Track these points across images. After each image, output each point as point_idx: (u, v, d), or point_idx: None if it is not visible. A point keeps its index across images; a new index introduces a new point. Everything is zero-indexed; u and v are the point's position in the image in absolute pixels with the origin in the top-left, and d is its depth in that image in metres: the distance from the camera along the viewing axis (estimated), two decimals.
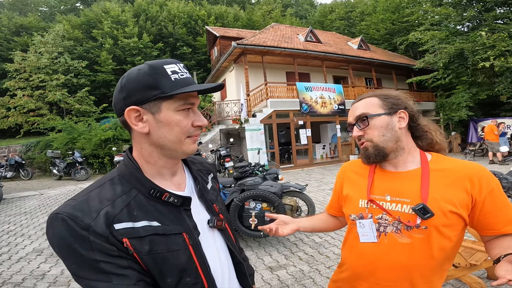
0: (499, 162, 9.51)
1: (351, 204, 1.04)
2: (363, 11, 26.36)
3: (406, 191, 0.92)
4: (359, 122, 0.98)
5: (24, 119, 15.76)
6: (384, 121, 0.95)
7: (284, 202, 4.01)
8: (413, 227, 0.88)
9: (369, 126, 0.95)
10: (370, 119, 0.95)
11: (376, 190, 0.98)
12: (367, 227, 0.95)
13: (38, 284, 3.07)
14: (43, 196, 7.90)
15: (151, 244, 0.64)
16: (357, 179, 1.07)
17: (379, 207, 0.94)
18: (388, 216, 0.92)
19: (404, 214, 0.90)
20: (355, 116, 0.99)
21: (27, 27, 21.19)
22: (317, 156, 13.81)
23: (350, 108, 1.05)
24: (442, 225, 0.86)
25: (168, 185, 0.74)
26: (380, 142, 0.94)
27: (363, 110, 0.97)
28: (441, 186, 0.89)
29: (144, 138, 0.70)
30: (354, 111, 1.01)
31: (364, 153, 0.98)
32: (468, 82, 14.35)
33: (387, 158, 0.96)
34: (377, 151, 0.95)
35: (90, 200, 0.64)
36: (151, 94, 0.66)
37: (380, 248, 0.92)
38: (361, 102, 1.01)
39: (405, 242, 0.89)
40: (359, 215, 0.98)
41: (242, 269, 0.86)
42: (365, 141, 0.97)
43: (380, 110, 0.96)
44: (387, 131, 0.94)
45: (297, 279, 2.93)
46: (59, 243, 0.59)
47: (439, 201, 0.87)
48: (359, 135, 0.98)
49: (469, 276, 2.39)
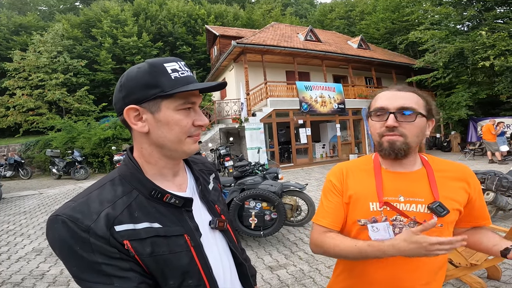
0: (498, 162, 9.51)
1: (359, 209, 0.96)
2: (363, 10, 26.32)
3: (418, 191, 0.92)
4: (399, 113, 0.90)
5: (24, 118, 15.74)
6: (424, 124, 0.94)
7: (284, 201, 4.01)
8: None
9: (412, 123, 0.90)
10: (419, 117, 0.91)
11: (387, 191, 0.94)
12: (382, 231, 0.91)
13: (37, 284, 3.06)
14: (43, 196, 7.89)
15: (152, 246, 0.63)
16: (361, 182, 0.99)
17: (393, 208, 0.92)
18: (402, 217, 0.91)
19: (419, 213, 0.90)
20: (398, 106, 0.90)
21: (26, 26, 21.12)
22: (317, 155, 13.81)
23: (386, 92, 0.96)
24: (451, 222, 0.92)
25: (170, 185, 0.73)
26: (412, 141, 0.92)
27: (412, 104, 0.91)
28: (446, 185, 0.94)
29: (144, 137, 0.69)
30: (397, 99, 0.92)
31: (390, 146, 0.91)
32: (468, 81, 14.36)
33: (406, 157, 0.94)
34: (405, 148, 0.91)
35: (90, 202, 0.63)
36: (151, 93, 0.65)
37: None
38: (407, 94, 0.94)
39: None
40: (371, 219, 0.93)
41: (244, 270, 0.85)
42: (397, 134, 0.91)
43: (424, 111, 0.94)
44: (421, 133, 0.93)
45: (297, 279, 2.93)
46: (59, 245, 0.59)
47: (448, 199, 0.91)
48: (394, 126, 0.90)
49: (469, 276, 2.39)
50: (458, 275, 2.34)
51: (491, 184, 4.04)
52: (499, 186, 4.01)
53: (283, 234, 4.23)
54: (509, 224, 4.00)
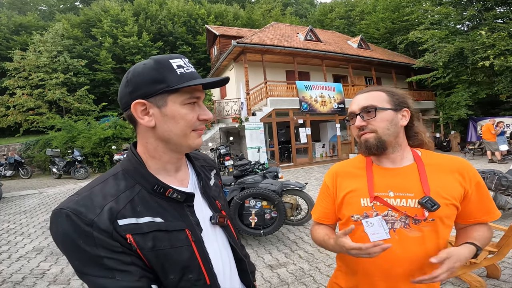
0: (498, 161, 9.52)
1: (352, 205, 1.01)
2: (363, 10, 26.30)
3: (408, 186, 0.94)
4: (364, 113, 0.98)
5: (24, 117, 15.73)
6: (390, 115, 0.97)
7: (284, 200, 4.02)
8: (421, 220, 0.90)
9: (375, 118, 0.96)
10: (378, 112, 0.96)
11: (377, 187, 0.98)
12: (376, 225, 0.93)
13: (38, 282, 3.07)
14: (43, 195, 7.90)
15: (154, 240, 0.63)
16: (353, 179, 1.05)
17: (384, 203, 0.95)
18: (394, 212, 0.94)
19: (410, 208, 0.92)
20: (361, 106, 0.98)
21: (26, 26, 21.10)
22: (316, 155, 13.82)
23: (354, 98, 1.05)
24: (445, 216, 0.91)
25: (172, 181, 0.74)
26: (384, 135, 0.96)
27: (371, 102, 0.97)
28: (438, 179, 0.94)
29: (150, 132, 0.70)
30: (359, 101, 1.00)
31: (365, 144, 0.98)
32: (468, 81, 14.36)
33: (385, 151, 0.98)
34: (379, 143, 0.96)
35: (93, 196, 0.64)
36: (157, 88, 0.66)
37: (392, 245, 0.90)
38: (369, 94, 1.01)
39: (416, 236, 0.91)
40: (364, 214, 0.97)
41: (244, 266, 0.86)
42: (368, 132, 0.97)
43: (387, 104, 0.98)
44: (391, 126, 0.96)
45: (297, 277, 2.93)
46: (62, 239, 0.59)
47: (440, 193, 0.91)
48: (361, 125, 0.98)
49: (469, 275, 2.39)
50: (458, 273, 2.35)
51: (491, 183, 4.05)
52: (498, 185, 4.02)
53: (283, 233, 4.24)
54: (508, 223, 4.01)
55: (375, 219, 0.94)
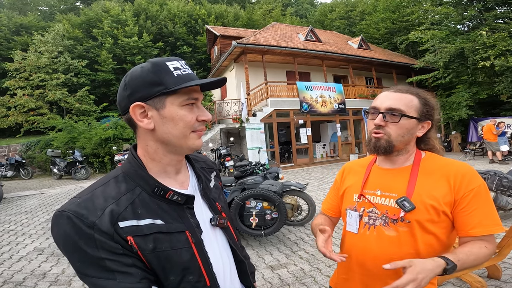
0: (499, 162, 9.51)
1: (347, 199, 1.09)
2: (363, 10, 26.31)
3: (395, 186, 0.97)
4: (387, 114, 0.94)
5: (24, 118, 15.76)
6: (412, 125, 0.95)
7: (284, 201, 4.02)
8: (398, 220, 0.92)
9: (397, 123, 0.93)
10: (403, 118, 0.93)
11: (369, 185, 1.04)
12: (353, 218, 1.02)
13: (39, 283, 3.07)
14: (44, 195, 7.91)
15: (155, 242, 0.64)
16: (355, 177, 1.11)
17: (368, 201, 1.01)
18: (377, 210, 0.97)
19: (391, 208, 0.95)
20: (387, 106, 0.94)
21: (27, 26, 21.14)
22: (317, 155, 13.82)
23: (384, 92, 1.01)
24: (425, 220, 0.89)
25: (172, 183, 0.74)
26: (396, 141, 0.95)
27: (400, 105, 0.94)
28: (427, 182, 0.93)
29: (149, 134, 0.71)
30: (388, 99, 0.96)
31: (375, 143, 0.97)
32: (469, 81, 14.35)
33: (391, 154, 0.99)
34: (388, 147, 0.95)
35: (95, 198, 0.64)
36: (155, 90, 0.67)
37: (369, 240, 0.96)
38: (401, 95, 0.96)
39: (391, 235, 0.93)
40: (353, 208, 1.04)
41: (244, 267, 0.86)
42: (382, 133, 0.95)
43: (415, 113, 0.95)
44: (406, 134, 0.95)
45: (298, 278, 2.93)
46: (64, 240, 0.60)
47: (423, 196, 0.90)
48: (380, 125, 0.95)
49: (469, 275, 2.39)
50: (458, 274, 2.35)
51: (492, 184, 4.05)
52: (499, 185, 4.02)
53: (283, 233, 4.24)
54: (509, 223, 4.00)
55: (355, 213, 1.03)
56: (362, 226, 1.00)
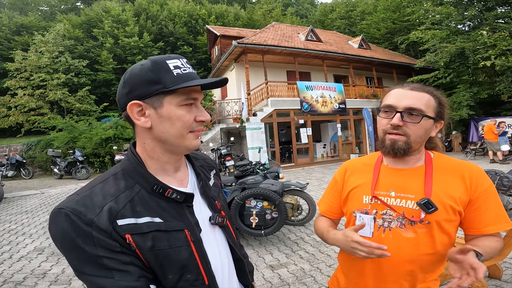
0: (499, 161, 9.50)
1: (354, 201, 1.02)
2: (363, 10, 26.30)
3: (410, 187, 0.93)
4: (406, 114, 0.90)
5: (25, 118, 15.77)
6: (430, 125, 0.93)
7: (285, 200, 4.02)
8: (417, 222, 0.89)
9: (417, 124, 0.90)
10: (425, 119, 0.90)
11: (380, 186, 0.98)
12: (366, 222, 0.96)
13: (39, 282, 3.07)
14: (44, 195, 7.91)
15: (153, 240, 0.63)
16: (360, 177, 1.05)
17: (382, 203, 0.95)
18: (392, 212, 0.94)
19: (408, 209, 0.92)
20: (407, 106, 0.90)
21: (27, 26, 21.15)
22: (317, 155, 13.81)
23: (399, 90, 0.95)
24: (443, 220, 0.89)
25: (171, 181, 0.74)
26: (415, 142, 0.91)
27: (420, 105, 0.90)
28: (443, 183, 0.92)
29: (146, 133, 0.70)
30: (406, 99, 0.91)
31: (392, 145, 0.92)
32: (469, 81, 14.34)
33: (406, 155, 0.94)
34: (407, 148, 0.91)
35: (93, 195, 0.64)
36: (153, 89, 0.66)
37: (385, 243, 0.91)
38: (419, 94, 0.92)
39: (409, 237, 0.90)
40: (363, 211, 0.98)
41: (242, 266, 0.86)
42: (400, 134, 0.91)
43: (433, 113, 0.92)
44: (425, 135, 0.93)
45: (298, 278, 2.93)
46: (61, 238, 0.59)
47: (442, 197, 0.89)
48: (399, 125, 0.90)
49: None
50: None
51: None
52: (500, 185, 4.01)
53: (284, 233, 4.23)
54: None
55: (366, 217, 0.96)
56: (376, 229, 0.95)
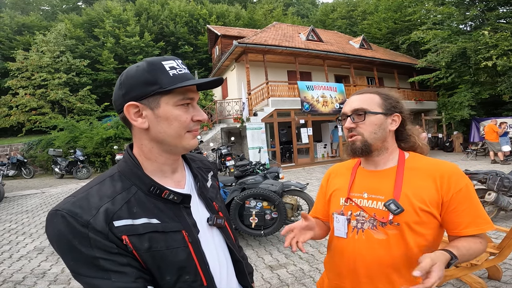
0: (501, 162, 9.47)
1: (334, 203, 1.07)
2: (365, 10, 26.27)
3: (381, 188, 0.95)
4: (354, 115, 0.98)
5: (26, 117, 15.81)
6: (379, 120, 0.97)
7: (284, 201, 4.01)
8: (387, 223, 0.91)
9: (364, 121, 0.96)
10: (368, 115, 0.96)
11: (355, 188, 1.02)
12: (341, 222, 1.00)
13: (38, 282, 3.08)
14: (45, 195, 7.93)
15: (150, 241, 0.63)
16: (341, 180, 1.10)
17: (356, 204, 0.99)
18: (365, 213, 0.96)
19: (379, 210, 0.93)
20: (352, 108, 0.99)
21: (29, 26, 21.20)
22: (318, 155, 13.80)
23: (348, 99, 1.05)
24: (413, 222, 0.88)
25: (168, 182, 0.74)
26: (370, 139, 0.96)
27: (362, 104, 0.98)
28: (414, 183, 0.92)
29: (144, 134, 0.70)
30: (352, 103, 1.00)
31: (351, 146, 0.99)
32: (471, 81, 14.31)
33: (371, 155, 0.98)
34: (364, 147, 0.96)
35: (90, 197, 0.64)
36: (150, 90, 0.66)
37: (359, 245, 0.95)
38: (362, 96, 1.01)
39: (381, 238, 0.92)
40: (340, 212, 1.02)
41: (241, 268, 0.85)
42: (355, 134, 0.98)
43: (379, 108, 0.98)
44: (379, 130, 0.97)
45: (297, 278, 2.93)
46: (58, 239, 0.59)
47: (410, 198, 0.90)
48: (351, 127, 0.98)
49: (469, 276, 2.38)
50: (458, 275, 2.33)
51: (493, 184, 4.03)
52: (500, 186, 4.00)
53: None
54: (510, 224, 3.98)
55: (342, 217, 1.01)
56: (351, 230, 0.98)
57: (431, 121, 16.44)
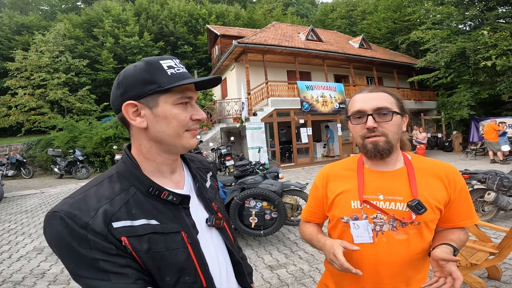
0: (500, 162, 9.48)
1: (341, 207, 1.01)
2: (364, 10, 26.27)
3: (396, 189, 0.96)
4: (377, 114, 0.94)
5: (25, 117, 15.79)
6: (399, 121, 0.97)
7: (284, 200, 4.01)
8: (408, 223, 0.92)
9: (389, 122, 0.93)
10: (395, 115, 0.94)
11: (368, 190, 0.99)
12: (361, 228, 0.95)
13: (38, 282, 3.08)
14: (44, 195, 7.92)
15: (149, 242, 0.63)
16: (344, 182, 1.04)
17: (373, 206, 0.96)
18: (383, 215, 0.95)
19: (398, 211, 0.93)
20: (375, 107, 0.94)
21: (28, 26, 21.16)
22: (317, 155, 13.81)
23: (360, 95, 0.99)
24: (430, 220, 0.93)
25: (167, 183, 0.74)
26: (393, 139, 0.95)
27: (387, 104, 0.95)
28: (425, 183, 0.95)
29: (142, 133, 0.70)
30: (372, 101, 0.95)
31: (375, 147, 0.94)
32: (470, 81, 14.32)
33: (389, 155, 0.97)
34: (389, 147, 0.94)
35: (88, 198, 0.63)
36: (148, 89, 0.66)
37: (379, 247, 0.94)
38: (379, 94, 0.97)
39: (402, 239, 0.92)
40: (353, 216, 0.98)
41: (241, 268, 0.85)
42: (378, 135, 0.94)
43: (397, 109, 0.97)
44: (399, 130, 0.97)
45: (297, 278, 2.93)
46: (57, 241, 0.59)
47: (427, 198, 0.92)
48: (374, 127, 0.93)
49: (469, 276, 2.38)
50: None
51: (492, 184, 4.03)
52: (500, 186, 4.00)
53: (283, 233, 4.23)
54: (510, 224, 3.99)
55: (361, 222, 0.96)
56: (375, 234, 0.95)
57: (431, 121, 16.46)
